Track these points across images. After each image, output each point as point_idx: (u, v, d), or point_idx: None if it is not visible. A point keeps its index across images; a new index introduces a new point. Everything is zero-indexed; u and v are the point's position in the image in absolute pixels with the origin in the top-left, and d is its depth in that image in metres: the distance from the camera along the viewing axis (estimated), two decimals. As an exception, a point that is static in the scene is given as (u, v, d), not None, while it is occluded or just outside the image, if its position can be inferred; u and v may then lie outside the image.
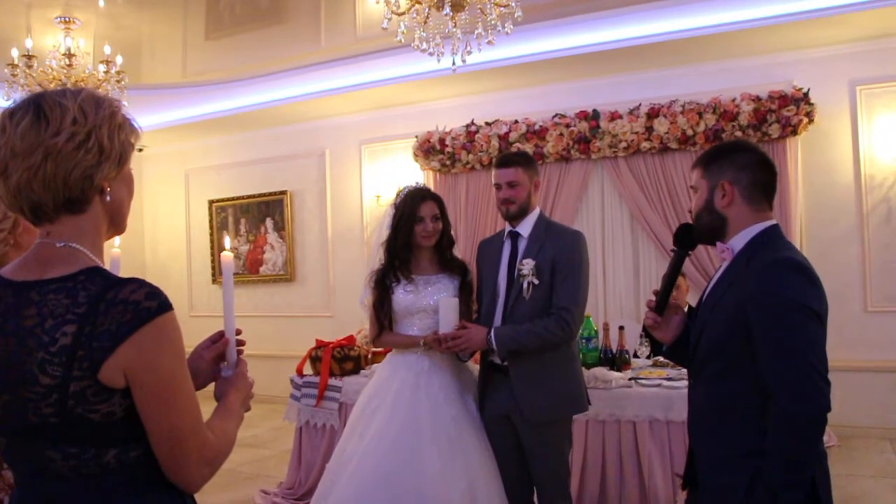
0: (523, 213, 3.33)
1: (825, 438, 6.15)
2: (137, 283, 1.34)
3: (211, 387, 1.67)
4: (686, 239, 2.32)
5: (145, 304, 1.31)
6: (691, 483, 2.30)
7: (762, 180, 2.21)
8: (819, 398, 1.93)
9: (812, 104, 6.04)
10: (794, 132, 6.09)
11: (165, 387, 1.34)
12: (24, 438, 1.37)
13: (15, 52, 6.04)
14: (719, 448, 2.14)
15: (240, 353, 1.68)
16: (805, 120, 6.04)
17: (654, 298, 2.37)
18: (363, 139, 8.30)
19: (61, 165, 1.34)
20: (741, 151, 2.26)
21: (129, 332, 1.29)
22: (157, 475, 1.40)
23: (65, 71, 6.23)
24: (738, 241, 2.18)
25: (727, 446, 2.11)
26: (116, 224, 1.49)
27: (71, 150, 1.34)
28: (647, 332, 4.57)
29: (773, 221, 2.21)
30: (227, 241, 1.92)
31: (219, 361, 1.67)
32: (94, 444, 1.34)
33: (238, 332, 1.68)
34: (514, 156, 3.43)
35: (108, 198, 1.42)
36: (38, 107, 1.35)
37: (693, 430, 2.29)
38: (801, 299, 1.99)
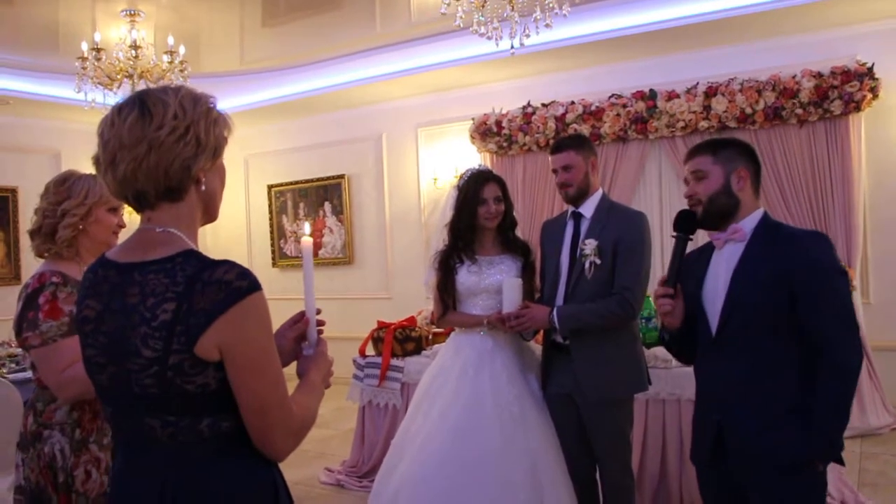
0: (583, 194, 3.35)
1: (890, 420, 5.99)
2: (230, 265, 1.45)
3: (293, 365, 1.76)
4: (689, 225, 2.50)
5: (237, 283, 1.42)
6: (712, 458, 2.42)
7: (759, 170, 2.48)
8: (861, 349, 2.28)
9: (877, 79, 5.87)
10: (858, 108, 5.92)
11: (255, 360, 1.44)
12: (127, 407, 1.50)
13: (84, 46, 6.23)
14: (760, 411, 2.30)
15: (320, 332, 1.76)
16: (869, 96, 5.88)
17: (660, 287, 2.49)
18: (419, 122, 8.34)
19: (163, 157, 1.45)
20: (741, 144, 2.50)
21: (223, 310, 1.40)
22: (247, 446, 1.50)
23: (131, 62, 6.40)
24: (749, 222, 2.42)
25: (769, 408, 2.29)
26: (210, 212, 1.61)
27: (172, 143, 1.45)
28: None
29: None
30: (307, 227, 2.04)
31: (300, 341, 1.76)
32: (189, 413, 1.45)
33: (318, 312, 1.76)
34: (565, 139, 3.46)
35: (203, 187, 1.54)
36: (143, 103, 1.47)
37: (722, 402, 2.39)
38: (840, 266, 2.32)
